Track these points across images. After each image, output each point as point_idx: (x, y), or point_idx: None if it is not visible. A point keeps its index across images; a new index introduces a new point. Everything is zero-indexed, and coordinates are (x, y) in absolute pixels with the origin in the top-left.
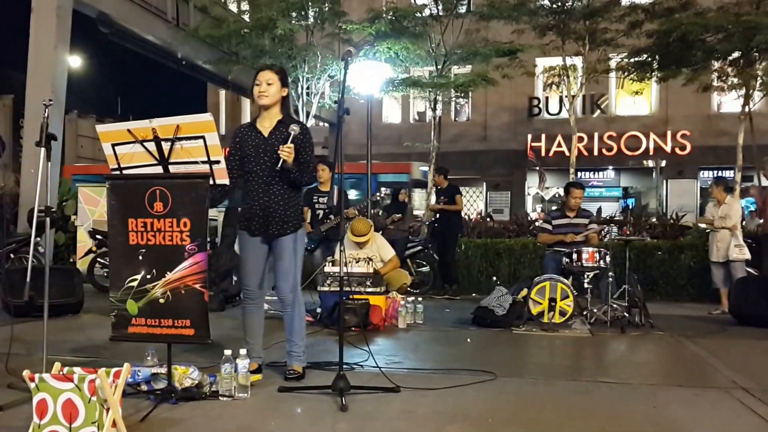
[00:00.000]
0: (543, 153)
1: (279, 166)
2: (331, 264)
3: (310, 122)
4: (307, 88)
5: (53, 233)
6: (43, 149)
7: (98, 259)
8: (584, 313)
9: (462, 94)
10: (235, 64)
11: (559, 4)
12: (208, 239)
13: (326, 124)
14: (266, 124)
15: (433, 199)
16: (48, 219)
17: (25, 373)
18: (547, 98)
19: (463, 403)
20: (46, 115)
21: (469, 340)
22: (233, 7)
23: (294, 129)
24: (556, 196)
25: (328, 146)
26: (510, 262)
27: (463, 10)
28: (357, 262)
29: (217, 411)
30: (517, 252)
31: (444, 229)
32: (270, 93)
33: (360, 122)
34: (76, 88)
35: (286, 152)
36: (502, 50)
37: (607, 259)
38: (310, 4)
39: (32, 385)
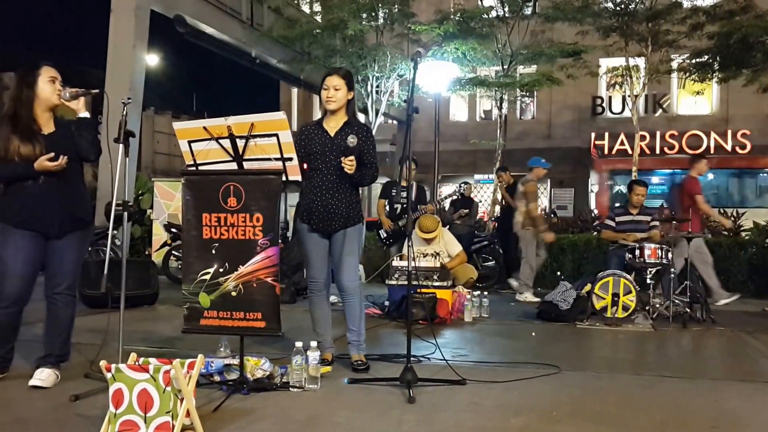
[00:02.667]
0: (606, 151)
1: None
2: (399, 258)
3: (380, 119)
4: (377, 86)
5: (129, 226)
6: (121, 145)
7: (173, 252)
8: (646, 308)
9: (527, 93)
10: (307, 64)
11: (623, 6)
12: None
13: (395, 122)
14: (332, 125)
15: (498, 196)
16: (125, 212)
17: (102, 363)
18: (610, 98)
19: (528, 395)
20: (124, 113)
21: (533, 333)
22: (306, 8)
23: (351, 141)
24: (619, 193)
25: (396, 143)
26: (574, 258)
27: (528, 11)
28: (424, 256)
29: (288, 402)
30: (580, 248)
31: (506, 225)
32: (337, 98)
33: (428, 120)
34: (153, 86)
35: (348, 165)
36: (567, 51)
37: (669, 255)
38: (380, 5)
39: (108, 375)
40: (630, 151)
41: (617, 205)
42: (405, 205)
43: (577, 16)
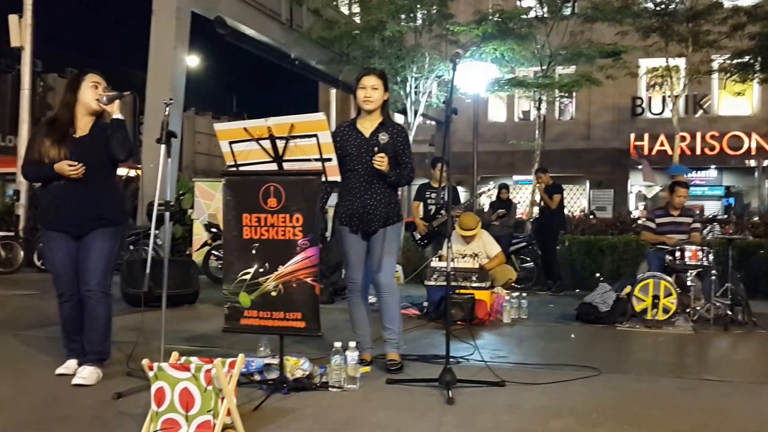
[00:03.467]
0: (646, 152)
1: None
2: (438, 259)
3: (418, 120)
4: (416, 87)
5: (171, 226)
6: (163, 146)
7: (213, 252)
8: (687, 310)
9: (566, 94)
10: (345, 65)
11: (663, 6)
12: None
13: (433, 122)
14: (367, 125)
15: (537, 197)
16: (167, 212)
17: (144, 361)
18: (650, 98)
19: (567, 398)
20: (166, 113)
21: (573, 335)
22: (345, 10)
23: (382, 138)
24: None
25: (434, 144)
26: (613, 259)
27: (567, 12)
28: (463, 257)
29: (327, 401)
30: (620, 249)
31: (544, 226)
32: (375, 98)
33: (466, 121)
34: (194, 87)
35: (379, 162)
36: (606, 51)
37: (710, 257)
38: (418, 6)
39: (151, 374)
40: (670, 152)
41: (658, 206)
42: (438, 206)
43: (616, 16)
